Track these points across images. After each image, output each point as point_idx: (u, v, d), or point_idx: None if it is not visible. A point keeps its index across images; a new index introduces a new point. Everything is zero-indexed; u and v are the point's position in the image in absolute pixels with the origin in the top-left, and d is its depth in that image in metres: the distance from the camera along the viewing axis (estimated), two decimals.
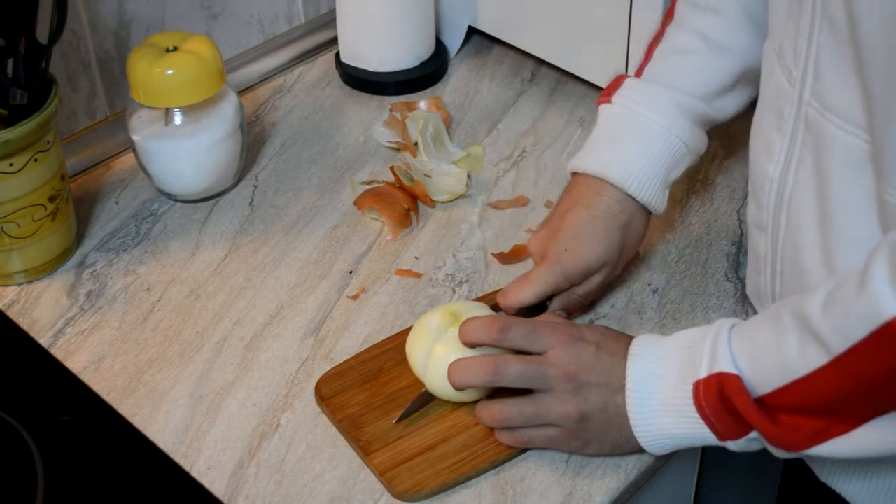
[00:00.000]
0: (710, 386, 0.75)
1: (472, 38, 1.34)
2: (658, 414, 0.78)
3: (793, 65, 0.76)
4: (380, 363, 0.90)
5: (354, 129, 1.21)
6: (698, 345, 0.77)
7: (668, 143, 0.93)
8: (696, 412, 0.75)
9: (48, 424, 0.86)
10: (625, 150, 0.92)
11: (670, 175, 0.94)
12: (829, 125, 0.73)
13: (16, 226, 0.96)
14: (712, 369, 0.75)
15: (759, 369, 0.73)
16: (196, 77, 1.03)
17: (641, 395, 0.78)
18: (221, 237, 1.06)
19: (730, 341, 0.75)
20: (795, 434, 0.72)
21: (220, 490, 0.82)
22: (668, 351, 0.79)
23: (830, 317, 0.67)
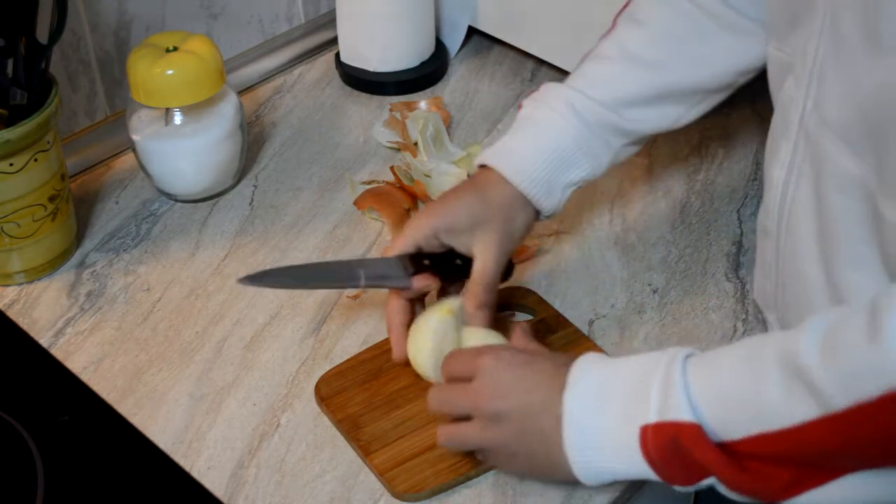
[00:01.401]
0: (660, 433, 0.69)
1: (472, 38, 1.34)
2: (597, 451, 0.72)
3: (801, 71, 0.75)
4: (380, 363, 0.90)
5: (354, 129, 1.21)
6: (645, 381, 0.70)
7: (557, 141, 0.91)
8: (642, 457, 0.70)
9: (48, 424, 0.86)
10: (514, 142, 0.93)
11: (563, 176, 0.92)
12: (825, 141, 0.73)
13: (16, 226, 0.96)
14: (665, 416, 0.69)
15: (727, 414, 0.67)
16: (196, 77, 1.03)
17: (580, 430, 0.73)
18: (221, 237, 1.06)
19: (685, 380, 0.69)
20: (766, 483, 0.67)
21: (220, 490, 0.82)
22: (611, 382, 0.73)
23: (832, 367, 0.61)
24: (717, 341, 0.93)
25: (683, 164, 1.15)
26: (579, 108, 0.92)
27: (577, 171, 0.92)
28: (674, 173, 1.13)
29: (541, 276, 1.00)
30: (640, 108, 0.93)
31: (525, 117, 0.94)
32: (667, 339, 0.94)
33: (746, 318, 0.96)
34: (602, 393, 0.73)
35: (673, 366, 0.70)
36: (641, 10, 0.95)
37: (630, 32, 0.94)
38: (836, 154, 0.71)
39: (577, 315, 0.96)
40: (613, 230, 1.06)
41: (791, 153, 0.78)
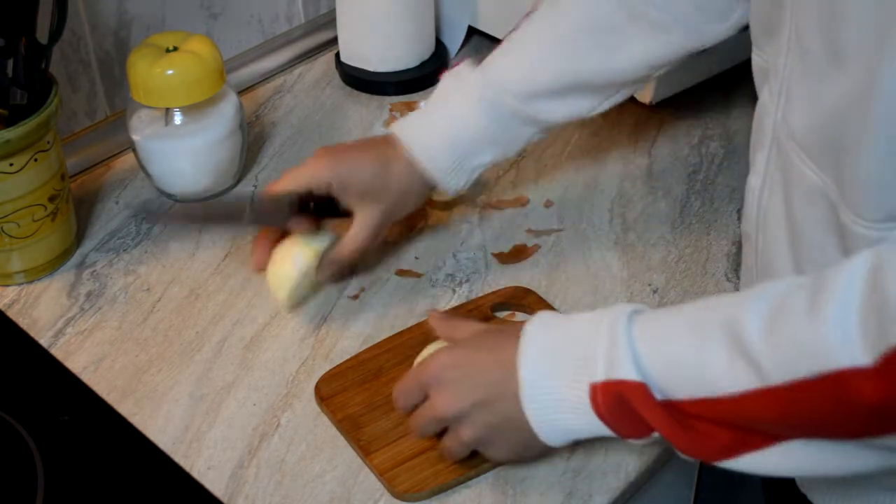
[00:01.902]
0: (608, 391, 0.71)
1: (472, 38, 1.34)
2: (554, 411, 0.74)
3: (774, 81, 0.76)
4: (380, 363, 0.90)
5: (354, 129, 1.21)
6: (591, 340, 0.72)
7: (464, 127, 0.95)
8: (594, 413, 0.72)
9: (48, 424, 0.86)
10: (423, 121, 0.96)
11: (471, 160, 0.96)
12: (790, 152, 0.73)
13: (16, 226, 0.96)
14: (611, 374, 0.71)
15: (671, 376, 0.69)
16: (196, 77, 1.03)
17: (535, 393, 0.74)
18: (221, 237, 1.06)
19: (631, 340, 0.71)
20: (707, 443, 0.69)
21: (220, 490, 0.82)
22: (560, 342, 0.75)
23: (772, 345, 0.63)
24: None
25: (683, 164, 1.15)
26: (492, 99, 0.94)
27: (485, 156, 0.97)
28: (674, 173, 1.14)
29: (541, 276, 1.00)
30: (553, 101, 0.95)
31: (441, 97, 0.97)
32: None
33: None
34: (552, 354, 0.75)
35: (618, 324, 0.72)
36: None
37: (551, 19, 0.95)
38: (800, 165, 0.72)
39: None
40: (613, 230, 1.06)
41: (765, 162, 0.78)
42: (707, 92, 1.22)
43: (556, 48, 0.94)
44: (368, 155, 0.95)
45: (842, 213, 0.69)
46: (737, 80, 1.22)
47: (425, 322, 0.94)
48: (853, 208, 0.67)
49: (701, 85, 1.17)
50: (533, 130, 0.97)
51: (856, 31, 0.64)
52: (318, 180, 0.93)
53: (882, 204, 0.66)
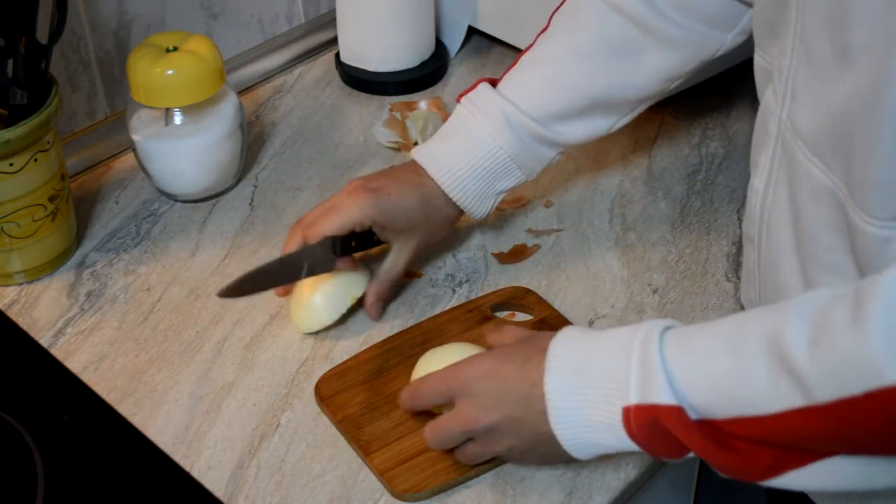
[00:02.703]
0: (642, 415, 0.69)
1: (472, 38, 1.34)
2: (584, 427, 0.73)
3: (778, 82, 0.76)
4: (380, 363, 0.90)
5: (354, 129, 1.21)
6: (625, 360, 0.71)
7: (491, 154, 0.95)
8: (627, 435, 0.71)
9: (48, 424, 0.86)
10: (449, 150, 0.96)
11: (496, 184, 0.96)
12: (797, 152, 0.73)
13: (16, 226, 0.96)
14: (645, 398, 0.69)
15: (710, 397, 0.67)
16: (196, 77, 1.03)
17: (564, 410, 0.73)
18: (221, 237, 1.06)
19: (664, 360, 0.69)
20: (747, 463, 0.67)
21: (220, 490, 0.82)
22: (588, 360, 0.73)
23: (817, 361, 0.61)
24: None
25: (683, 164, 1.15)
26: (513, 122, 0.94)
27: (508, 181, 0.97)
28: (674, 173, 1.14)
29: (541, 276, 1.00)
30: (571, 122, 0.96)
31: (461, 122, 0.97)
32: None
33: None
34: (581, 372, 0.73)
35: (650, 343, 0.70)
36: (576, 16, 0.95)
37: (565, 39, 0.96)
38: (808, 165, 0.72)
39: (577, 315, 0.96)
40: (613, 230, 1.06)
41: (769, 163, 0.78)
42: (707, 92, 1.22)
43: (572, 69, 0.94)
44: (407, 190, 0.94)
45: (850, 213, 0.68)
46: (737, 80, 1.22)
47: (425, 322, 0.94)
48: (862, 207, 0.67)
49: (701, 85, 1.17)
50: (554, 153, 0.98)
51: (865, 31, 0.64)
52: (362, 221, 0.93)
53: (891, 203, 0.65)
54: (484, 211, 0.98)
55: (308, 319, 0.94)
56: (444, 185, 0.95)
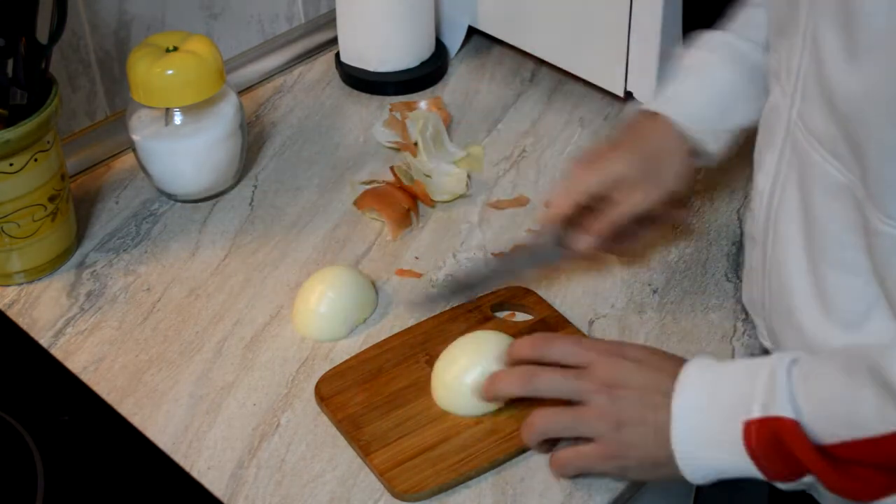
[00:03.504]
0: (763, 428, 0.71)
1: (472, 38, 1.34)
2: (703, 447, 0.75)
3: (786, 81, 0.76)
4: (380, 363, 0.90)
5: (354, 129, 1.21)
6: (752, 380, 0.73)
7: (718, 80, 0.92)
8: (745, 451, 0.72)
9: (48, 424, 0.86)
10: (675, 84, 0.94)
11: (726, 119, 0.93)
12: (810, 150, 0.73)
13: (16, 226, 0.96)
14: (768, 411, 0.71)
15: (824, 419, 0.70)
16: (196, 77, 1.03)
17: (686, 427, 0.75)
18: (221, 237, 1.06)
19: (790, 381, 0.72)
20: (860, 485, 0.70)
21: (220, 490, 0.82)
22: (718, 381, 0.76)
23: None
24: (717, 341, 0.93)
25: None
26: (737, 49, 0.92)
27: (737, 115, 0.93)
28: None
29: (541, 276, 1.00)
30: None
31: (687, 66, 0.95)
32: (667, 338, 0.94)
33: (746, 318, 0.96)
34: (710, 392, 0.75)
35: (779, 368, 0.72)
36: None
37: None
38: (822, 164, 0.72)
39: (577, 315, 0.96)
40: None
41: (776, 162, 0.78)
42: None
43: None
44: (619, 143, 0.93)
45: (867, 211, 0.69)
46: None
47: (425, 322, 0.94)
48: (880, 208, 0.67)
49: None
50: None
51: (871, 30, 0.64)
52: (581, 191, 0.91)
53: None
54: (717, 150, 0.93)
55: (310, 327, 0.94)
56: (673, 115, 0.92)
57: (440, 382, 0.86)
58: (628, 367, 0.79)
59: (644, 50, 1.11)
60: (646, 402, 0.77)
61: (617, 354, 0.80)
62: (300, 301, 0.95)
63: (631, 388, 0.78)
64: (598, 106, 1.23)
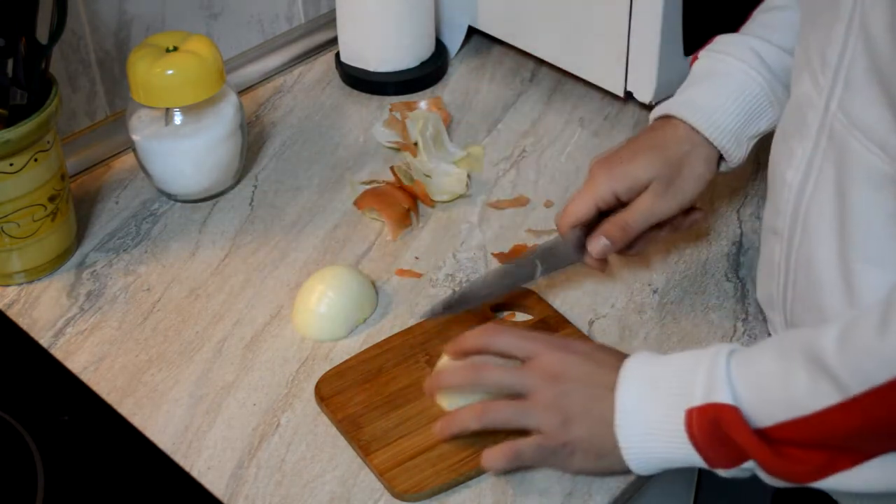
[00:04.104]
0: (704, 415, 0.73)
1: (472, 38, 1.34)
2: (647, 437, 0.76)
3: (820, 72, 0.75)
4: (380, 363, 0.90)
5: (354, 129, 1.21)
6: (693, 370, 0.75)
7: (745, 87, 0.92)
8: (688, 439, 0.74)
9: (48, 424, 0.86)
10: (699, 92, 0.93)
11: (751, 125, 0.92)
12: (852, 140, 0.72)
13: (16, 226, 0.96)
14: (708, 398, 0.73)
15: (761, 401, 0.71)
16: (196, 77, 1.03)
17: (629, 417, 0.76)
18: (221, 237, 1.06)
19: (728, 369, 0.73)
20: (798, 466, 0.71)
21: (220, 490, 0.82)
22: (659, 373, 0.77)
23: (847, 356, 0.66)
24: (717, 341, 0.93)
25: None
26: (764, 55, 0.92)
27: (762, 121, 0.93)
28: None
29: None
30: None
31: (706, 69, 0.94)
32: (667, 338, 0.94)
33: (746, 318, 0.96)
34: (653, 385, 0.77)
35: (718, 357, 0.74)
36: None
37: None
38: (866, 154, 0.71)
39: (577, 315, 0.96)
40: None
41: (809, 155, 0.77)
42: None
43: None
44: (640, 149, 0.92)
45: None
46: None
47: (425, 322, 0.94)
48: None
49: None
50: None
51: None
52: (601, 198, 0.91)
53: None
54: (739, 156, 0.93)
55: (310, 327, 0.94)
56: (699, 125, 0.91)
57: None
58: (573, 360, 0.80)
59: (644, 50, 1.11)
60: (590, 394, 0.78)
61: (562, 348, 0.81)
62: (300, 301, 0.95)
63: (575, 381, 0.79)
64: (598, 106, 1.23)
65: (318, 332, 0.94)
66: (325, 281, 0.95)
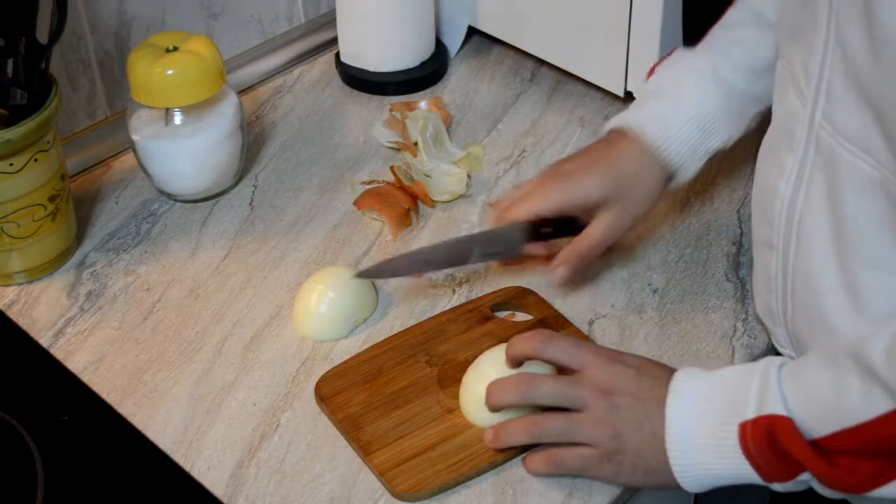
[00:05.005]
0: (758, 428, 0.72)
1: (472, 38, 1.34)
2: (699, 452, 0.75)
3: (804, 84, 0.75)
4: (380, 363, 0.90)
5: (354, 129, 1.21)
6: (744, 383, 0.75)
7: (700, 104, 0.92)
8: (742, 453, 0.73)
9: (48, 424, 0.86)
10: (656, 108, 0.93)
11: (705, 143, 0.93)
12: (839, 148, 0.73)
13: (16, 226, 0.96)
14: (761, 411, 0.72)
15: (814, 412, 0.71)
16: (196, 77, 1.03)
17: (681, 433, 0.76)
18: (221, 237, 1.06)
19: (780, 382, 0.73)
20: (853, 476, 0.70)
21: (220, 490, 0.82)
22: (711, 388, 0.76)
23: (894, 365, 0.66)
24: (717, 341, 0.93)
25: None
26: (720, 72, 0.92)
27: (716, 139, 0.93)
28: None
29: (541, 276, 1.00)
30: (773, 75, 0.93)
31: (661, 84, 0.95)
32: (667, 338, 0.94)
33: (746, 318, 0.96)
34: (703, 399, 0.76)
35: (769, 370, 0.74)
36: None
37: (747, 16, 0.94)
38: (853, 160, 0.71)
39: (577, 315, 0.96)
40: None
41: (798, 166, 0.77)
42: None
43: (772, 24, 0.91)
44: (593, 163, 0.92)
45: None
46: None
47: (425, 322, 0.94)
48: None
49: None
50: (756, 110, 0.94)
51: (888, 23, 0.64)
52: (547, 207, 0.91)
53: None
54: (692, 171, 0.94)
55: (310, 327, 0.94)
56: (654, 140, 0.91)
57: (474, 399, 0.84)
58: (624, 374, 0.79)
59: (644, 50, 1.11)
60: (641, 409, 0.77)
61: (613, 360, 0.80)
62: (300, 301, 0.95)
63: (627, 395, 0.78)
64: (598, 106, 1.23)
65: (318, 332, 0.94)
66: (325, 281, 0.95)
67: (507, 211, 0.93)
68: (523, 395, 0.80)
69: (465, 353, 0.90)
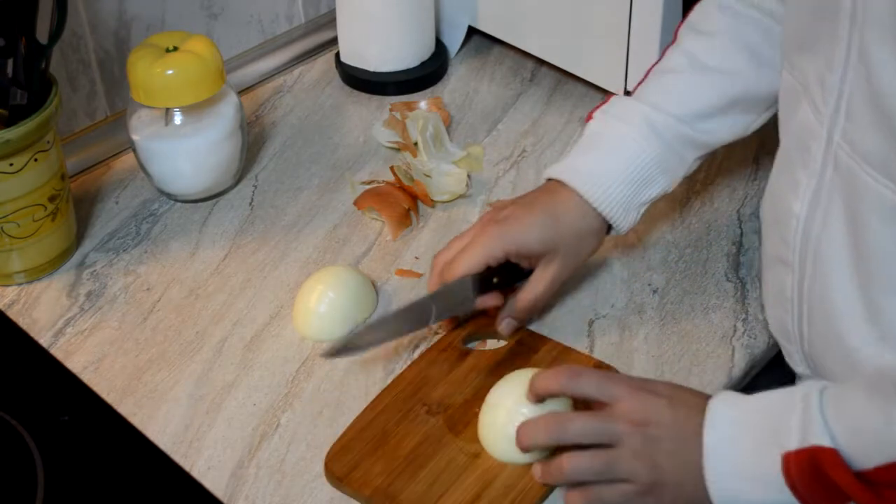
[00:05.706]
0: (802, 459, 0.69)
1: (472, 38, 1.34)
2: (740, 482, 0.72)
3: (820, 100, 0.73)
4: (381, 426, 0.85)
5: (354, 129, 1.21)
6: (785, 411, 0.72)
7: (636, 159, 0.92)
8: (786, 484, 0.70)
9: (48, 424, 0.86)
10: (591, 160, 0.93)
11: (641, 194, 0.92)
12: (860, 171, 0.71)
13: (16, 226, 0.96)
14: (805, 442, 0.69)
15: (859, 443, 0.68)
16: (196, 77, 1.03)
17: (721, 463, 0.73)
18: (221, 237, 1.06)
19: (822, 410, 0.70)
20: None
21: (220, 490, 0.82)
22: (749, 415, 0.74)
23: None
24: (717, 341, 0.93)
25: None
26: (656, 124, 0.92)
27: (653, 189, 0.93)
28: None
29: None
30: (713, 120, 0.93)
31: (598, 133, 0.94)
32: (667, 339, 0.94)
33: (746, 318, 0.96)
34: (742, 425, 0.73)
35: (811, 397, 0.71)
36: (705, 21, 0.94)
37: (697, 43, 0.94)
38: (875, 186, 0.70)
39: (577, 315, 0.96)
40: None
41: (815, 186, 0.76)
42: None
43: (710, 69, 0.92)
44: (534, 213, 0.91)
45: None
46: None
47: (405, 372, 0.90)
48: None
49: None
50: (695, 155, 0.94)
51: None
52: (492, 256, 0.90)
53: None
54: (628, 223, 0.93)
55: (310, 327, 0.94)
56: (589, 196, 0.91)
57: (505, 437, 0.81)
58: (657, 404, 0.76)
59: (644, 50, 1.11)
60: (678, 440, 0.75)
61: (644, 390, 0.77)
62: (300, 301, 0.95)
63: (662, 426, 0.75)
64: None
65: (318, 332, 0.94)
66: (325, 281, 0.95)
67: (451, 265, 0.91)
68: (556, 436, 0.78)
69: (460, 394, 0.87)
